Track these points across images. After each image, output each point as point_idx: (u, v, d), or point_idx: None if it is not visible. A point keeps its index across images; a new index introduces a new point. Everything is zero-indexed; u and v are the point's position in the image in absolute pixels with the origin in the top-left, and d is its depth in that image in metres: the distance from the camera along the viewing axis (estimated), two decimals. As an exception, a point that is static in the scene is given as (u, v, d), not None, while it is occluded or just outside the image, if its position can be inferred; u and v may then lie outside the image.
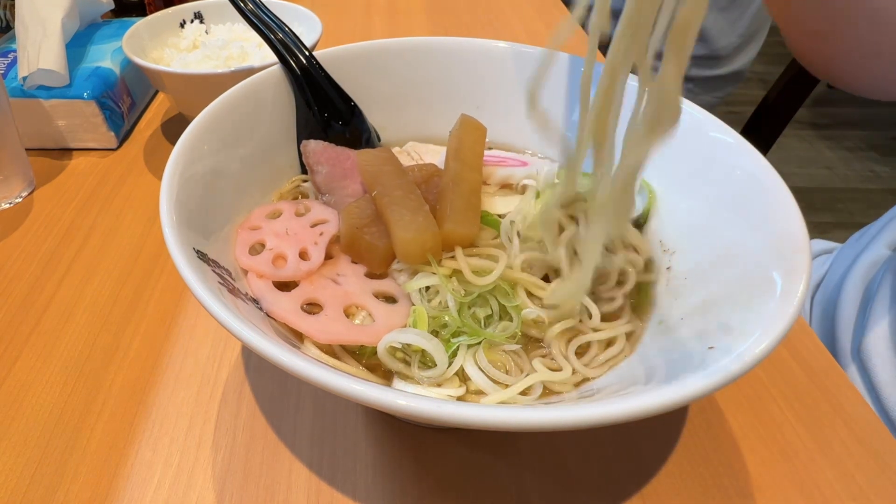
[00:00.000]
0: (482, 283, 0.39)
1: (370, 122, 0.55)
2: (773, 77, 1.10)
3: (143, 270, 0.55)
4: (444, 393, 0.36)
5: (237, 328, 0.28)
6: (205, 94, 0.50)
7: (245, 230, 0.43)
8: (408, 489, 0.39)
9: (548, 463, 0.40)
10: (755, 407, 0.44)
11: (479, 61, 0.54)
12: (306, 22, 0.73)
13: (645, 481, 0.40)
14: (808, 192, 2.24)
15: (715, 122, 0.44)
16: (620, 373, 0.37)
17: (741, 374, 0.27)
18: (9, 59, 0.71)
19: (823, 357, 0.48)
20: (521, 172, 0.48)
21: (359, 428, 0.42)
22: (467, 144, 0.43)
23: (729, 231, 0.39)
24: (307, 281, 0.41)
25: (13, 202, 0.63)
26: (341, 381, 0.26)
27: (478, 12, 1.09)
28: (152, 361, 0.47)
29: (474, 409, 0.25)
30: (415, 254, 0.39)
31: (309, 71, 0.51)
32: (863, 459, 0.41)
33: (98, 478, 0.40)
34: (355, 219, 0.42)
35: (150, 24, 0.73)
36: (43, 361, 0.47)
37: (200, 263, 0.34)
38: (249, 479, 0.40)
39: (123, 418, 0.43)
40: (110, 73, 0.71)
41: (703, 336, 0.34)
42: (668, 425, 0.43)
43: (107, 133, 0.70)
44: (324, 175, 0.48)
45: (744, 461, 0.41)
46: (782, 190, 0.38)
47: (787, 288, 0.32)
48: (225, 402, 0.44)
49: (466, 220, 0.41)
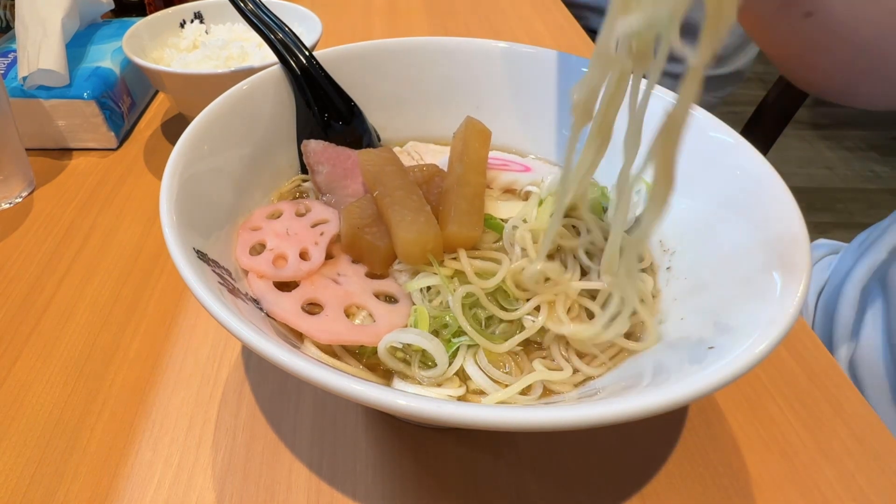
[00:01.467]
0: (485, 286, 0.39)
1: (370, 122, 0.55)
2: (773, 77, 1.10)
3: (143, 270, 0.55)
4: (444, 393, 0.36)
5: (237, 328, 0.28)
6: (205, 94, 0.50)
7: (246, 230, 0.43)
8: (408, 489, 0.39)
9: (548, 463, 0.40)
10: (755, 407, 0.44)
11: (479, 61, 0.54)
12: (306, 22, 0.73)
13: (645, 481, 0.40)
14: (808, 192, 2.25)
15: (715, 122, 0.44)
16: (620, 373, 0.37)
17: (741, 374, 0.27)
18: (9, 59, 0.71)
19: (823, 357, 0.48)
20: (525, 178, 0.48)
21: (359, 428, 0.42)
22: (472, 147, 0.43)
23: (729, 231, 0.39)
24: (308, 281, 0.41)
25: (13, 202, 0.63)
26: (341, 381, 0.26)
27: (478, 12, 1.09)
28: (152, 361, 0.47)
29: (474, 409, 0.25)
30: (416, 254, 0.39)
31: (309, 71, 0.51)
32: (863, 459, 0.41)
33: (98, 478, 0.40)
34: (356, 219, 0.42)
35: (150, 24, 0.73)
36: (43, 361, 0.47)
37: (200, 263, 0.34)
38: (249, 479, 0.40)
39: (123, 418, 0.43)
40: (110, 73, 0.71)
41: (703, 336, 0.34)
42: (668, 425, 0.43)
43: (107, 133, 0.70)
44: (324, 175, 0.48)
45: (744, 461, 0.41)
46: (782, 190, 0.38)
47: (786, 288, 0.32)
48: (225, 402, 0.44)
49: (470, 222, 0.41)
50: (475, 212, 0.41)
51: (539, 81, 0.53)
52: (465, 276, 0.39)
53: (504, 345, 0.38)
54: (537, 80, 0.53)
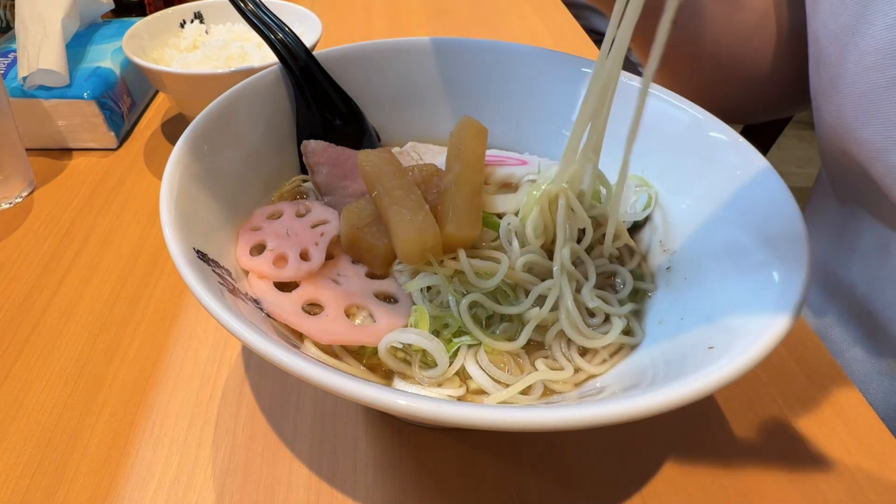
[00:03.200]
0: (485, 286, 0.39)
1: (370, 122, 0.55)
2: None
3: (143, 270, 0.55)
4: (445, 393, 0.36)
5: (237, 328, 0.28)
6: (205, 94, 0.50)
7: (246, 231, 0.43)
8: (408, 489, 0.39)
9: (548, 463, 0.40)
10: (755, 407, 0.44)
11: (479, 61, 0.54)
12: (306, 22, 0.73)
13: (645, 481, 0.40)
14: (808, 192, 2.24)
15: (715, 122, 0.44)
16: (621, 372, 0.37)
17: (741, 374, 0.27)
18: (9, 59, 0.71)
19: (823, 357, 0.48)
20: (521, 171, 0.48)
21: (359, 428, 0.42)
22: (469, 146, 0.43)
23: (729, 231, 0.39)
24: (308, 281, 0.41)
25: (13, 202, 0.63)
26: (341, 381, 0.26)
27: (478, 12, 1.09)
28: (152, 361, 0.47)
29: (474, 409, 0.25)
30: (415, 254, 0.39)
31: (309, 71, 0.51)
32: (863, 459, 0.41)
33: (98, 478, 0.40)
34: (356, 219, 0.42)
35: (150, 24, 0.73)
36: (43, 361, 0.47)
37: (200, 263, 0.34)
38: (249, 479, 0.40)
39: (123, 418, 0.43)
40: (110, 73, 0.71)
41: (702, 336, 0.34)
42: (668, 425, 0.43)
43: (107, 133, 0.70)
44: (325, 175, 0.48)
45: (744, 461, 0.41)
46: (782, 190, 0.38)
47: (787, 288, 0.32)
48: (225, 402, 0.44)
49: (468, 222, 0.41)
50: (473, 211, 0.41)
51: (538, 81, 0.53)
52: (465, 276, 0.39)
53: (517, 341, 0.38)
54: (537, 80, 0.53)
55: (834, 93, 0.48)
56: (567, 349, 0.38)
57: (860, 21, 0.45)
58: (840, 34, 0.47)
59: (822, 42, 0.50)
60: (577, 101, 0.51)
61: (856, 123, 0.45)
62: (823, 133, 0.52)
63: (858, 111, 0.45)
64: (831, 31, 0.48)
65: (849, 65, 0.46)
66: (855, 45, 0.45)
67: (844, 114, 0.47)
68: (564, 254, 0.40)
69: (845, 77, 0.46)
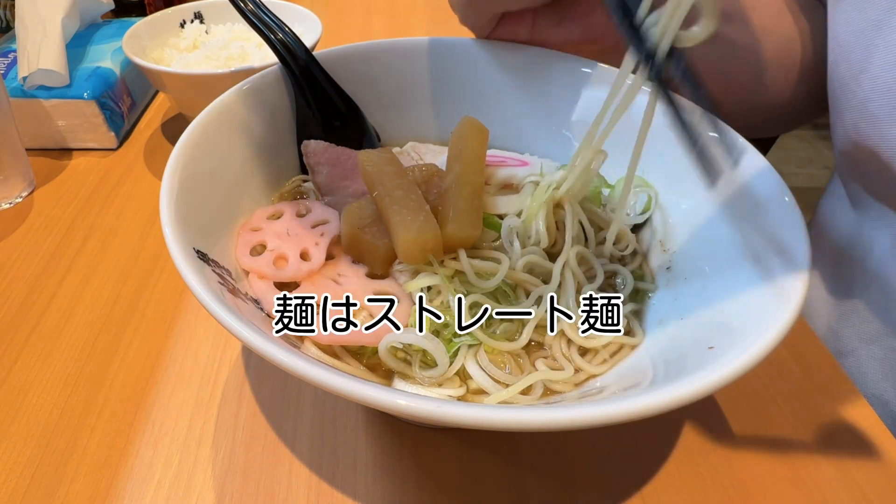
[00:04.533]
0: (485, 286, 0.39)
1: (370, 122, 0.55)
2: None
3: (143, 270, 0.55)
4: (445, 393, 0.36)
5: (237, 328, 0.28)
6: (205, 94, 0.50)
7: (246, 231, 0.43)
8: (408, 489, 0.39)
9: (548, 463, 0.40)
10: (755, 407, 0.44)
11: (479, 61, 0.54)
12: (306, 22, 0.73)
13: (645, 481, 0.40)
14: (808, 192, 2.24)
15: (715, 122, 0.44)
16: (621, 372, 0.37)
17: (741, 374, 0.27)
18: (9, 59, 0.71)
19: (823, 357, 0.48)
20: (523, 172, 0.48)
21: (359, 428, 0.42)
22: (469, 146, 0.43)
23: (729, 231, 0.39)
24: (308, 281, 0.41)
25: (13, 202, 0.63)
26: (341, 381, 0.26)
27: (478, 12, 1.09)
28: (152, 361, 0.47)
29: (474, 409, 0.25)
30: (416, 254, 0.39)
31: (309, 71, 0.51)
32: (863, 459, 0.41)
33: (98, 478, 0.40)
34: (356, 219, 0.42)
35: (150, 24, 0.73)
36: (43, 361, 0.47)
37: (200, 263, 0.34)
38: (249, 479, 0.40)
39: (123, 418, 0.43)
40: (110, 73, 0.71)
41: (702, 336, 0.34)
42: (668, 425, 0.43)
43: (107, 133, 0.70)
44: (325, 175, 0.48)
45: (744, 461, 0.41)
46: (782, 190, 0.38)
47: (787, 287, 0.32)
48: (225, 402, 0.44)
49: (469, 222, 0.41)
50: (474, 211, 0.41)
51: (539, 82, 0.53)
52: (465, 276, 0.39)
53: (517, 341, 0.38)
54: (537, 80, 0.53)
55: (858, 88, 0.48)
56: (567, 349, 0.38)
57: (891, 14, 0.45)
58: (866, 29, 0.47)
59: (843, 38, 0.49)
60: (578, 101, 0.51)
61: (882, 119, 0.45)
62: (842, 132, 0.51)
63: (885, 106, 0.45)
64: (856, 27, 0.48)
65: (875, 59, 0.46)
66: (882, 38, 0.45)
67: (868, 109, 0.46)
68: (572, 255, 0.40)
69: (871, 72, 0.46)
